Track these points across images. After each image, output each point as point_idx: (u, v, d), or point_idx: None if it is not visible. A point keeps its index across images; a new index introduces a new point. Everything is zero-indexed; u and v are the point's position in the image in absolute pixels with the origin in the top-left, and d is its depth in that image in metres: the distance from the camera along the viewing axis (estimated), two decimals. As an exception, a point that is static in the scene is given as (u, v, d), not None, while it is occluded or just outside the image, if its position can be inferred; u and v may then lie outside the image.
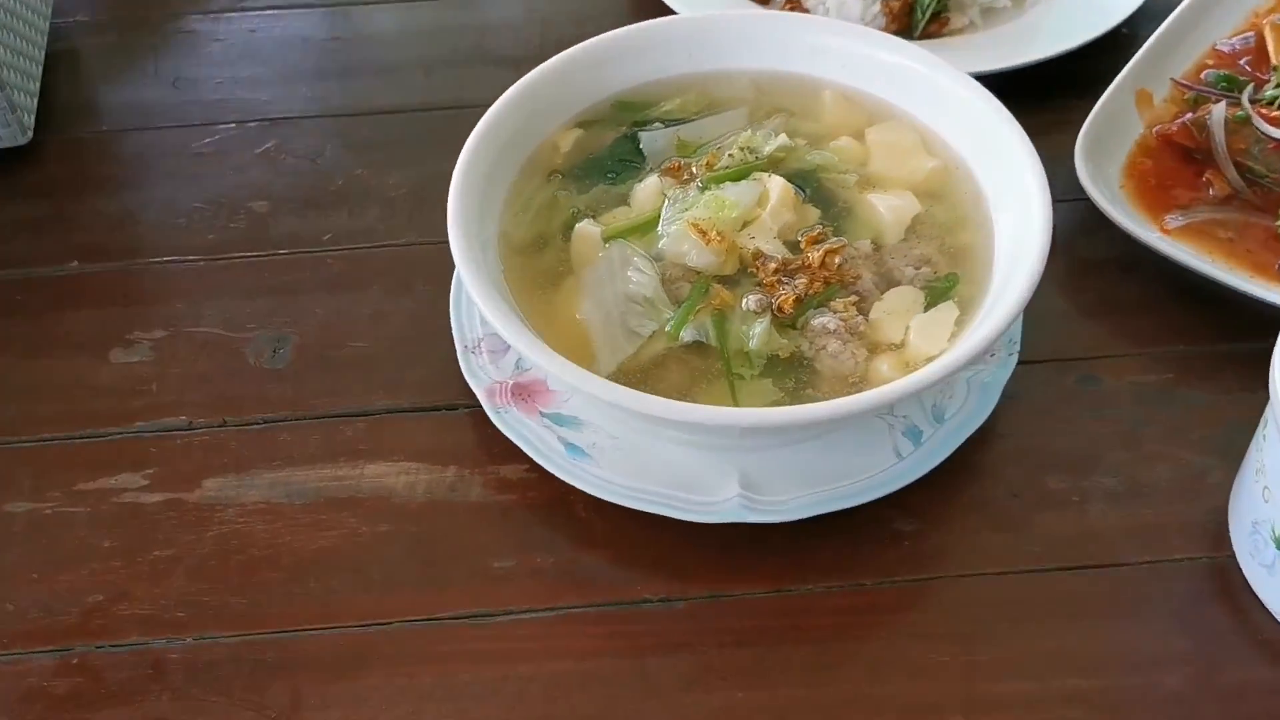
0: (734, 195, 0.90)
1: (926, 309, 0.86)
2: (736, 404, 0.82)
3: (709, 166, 0.93)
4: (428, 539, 0.88)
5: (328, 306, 1.03)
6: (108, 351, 1.00)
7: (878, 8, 1.18)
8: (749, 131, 0.96)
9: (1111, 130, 1.07)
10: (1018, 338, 0.93)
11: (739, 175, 0.92)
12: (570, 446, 0.88)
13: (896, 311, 0.86)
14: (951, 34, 1.19)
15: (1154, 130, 1.08)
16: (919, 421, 0.89)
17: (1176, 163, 1.06)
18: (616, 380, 0.83)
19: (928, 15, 1.18)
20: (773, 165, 0.94)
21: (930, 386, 0.77)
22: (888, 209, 0.91)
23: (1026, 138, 0.89)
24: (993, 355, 0.92)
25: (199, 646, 0.83)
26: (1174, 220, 1.02)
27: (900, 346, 0.85)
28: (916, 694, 0.80)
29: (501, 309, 0.81)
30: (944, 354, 0.80)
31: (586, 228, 0.91)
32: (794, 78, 1.01)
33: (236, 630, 0.84)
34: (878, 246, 0.91)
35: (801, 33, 1.00)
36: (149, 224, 1.10)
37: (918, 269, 0.89)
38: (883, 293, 0.88)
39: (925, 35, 1.19)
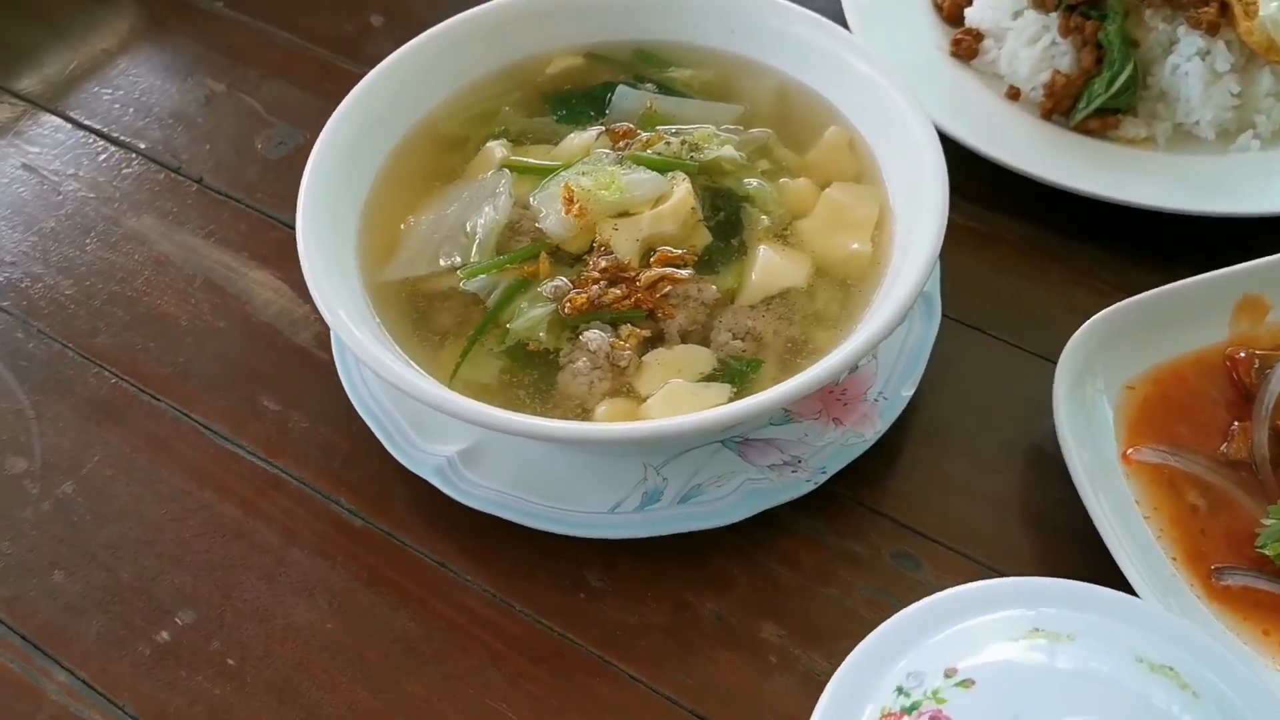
0: (630, 181, 0.83)
1: (702, 380, 0.77)
2: (455, 370, 0.78)
3: (646, 145, 0.86)
4: (242, 353, 0.94)
5: (347, 127, 1.08)
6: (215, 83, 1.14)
7: (1046, 76, 1.00)
8: (711, 129, 0.87)
9: (1186, 321, 0.85)
10: (832, 470, 0.80)
11: (659, 166, 0.84)
12: (371, 337, 0.88)
13: (669, 365, 0.77)
14: (1117, 140, 0.98)
15: (1228, 348, 0.84)
16: (671, 490, 0.80)
17: (1224, 396, 0.83)
18: (390, 294, 0.82)
19: (1092, 106, 0.97)
20: (706, 172, 0.85)
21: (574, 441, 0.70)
22: (761, 268, 0.80)
23: (928, 264, 0.74)
24: (794, 470, 0.80)
25: (43, 338, 0.96)
26: (1148, 454, 0.80)
27: (640, 400, 0.76)
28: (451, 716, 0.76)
29: (317, 186, 0.81)
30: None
31: (493, 147, 0.88)
32: (817, 99, 0.89)
33: (75, 347, 0.95)
34: (727, 300, 0.80)
35: (851, 59, 0.87)
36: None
37: (734, 338, 0.78)
38: (681, 342, 0.78)
39: (1083, 128, 0.98)
